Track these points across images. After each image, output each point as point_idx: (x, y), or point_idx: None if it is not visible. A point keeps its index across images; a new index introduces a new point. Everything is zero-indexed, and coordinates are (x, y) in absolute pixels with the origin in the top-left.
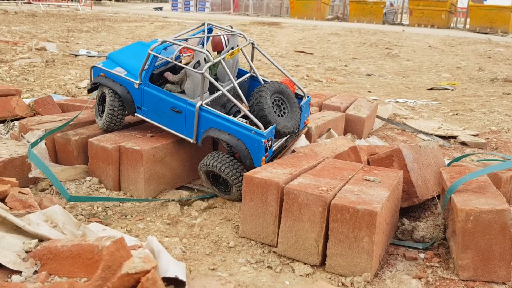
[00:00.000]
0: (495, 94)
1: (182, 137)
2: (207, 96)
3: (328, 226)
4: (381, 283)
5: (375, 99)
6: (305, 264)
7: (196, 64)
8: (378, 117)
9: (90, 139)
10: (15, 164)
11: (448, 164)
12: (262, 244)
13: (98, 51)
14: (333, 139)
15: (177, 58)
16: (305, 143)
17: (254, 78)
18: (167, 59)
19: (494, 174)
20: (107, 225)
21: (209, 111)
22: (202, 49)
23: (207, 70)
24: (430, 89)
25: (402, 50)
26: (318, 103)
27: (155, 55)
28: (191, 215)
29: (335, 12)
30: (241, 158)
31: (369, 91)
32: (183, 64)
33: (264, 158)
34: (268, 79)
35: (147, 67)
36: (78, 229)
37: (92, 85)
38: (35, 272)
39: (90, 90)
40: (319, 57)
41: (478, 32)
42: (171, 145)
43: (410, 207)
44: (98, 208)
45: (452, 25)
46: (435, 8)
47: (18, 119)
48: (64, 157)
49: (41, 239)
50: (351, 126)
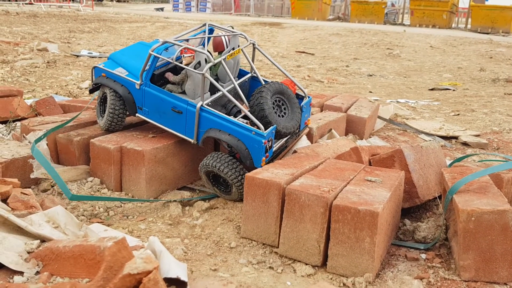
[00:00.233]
0: (497, 95)
1: (183, 137)
2: (208, 96)
3: (329, 227)
4: (382, 284)
5: (377, 100)
6: (306, 264)
7: (196, 64)
8: (379, 117)
9: (91, 140)
10: (17, 165)
11: (449, 164)
12: (264, 244)
13: (100, 52)
14: (334, 140)
15: (178, 59)
16: (306, 144)
17: (255, 78)
18: (168, 60)
19: (496, 175)
20: (109, 225)
21: (209, 112)
22: (203, 49)
23: (208, 71)
24: (432, 89)
25: (404, 50)
26: (320, 104)
27: (156, 56)
28: (193, 216)
29: (336, 12)
30: (241, 158)
31: (370, 92)
32: (184, 64)
33: (264, 158)
34: (269, 80)
35: (148, 68)
36: (80, 229)
37: (93, 85)
38: (37, 272)
39: (91, 91)
40: (320, 57)
41: (479, 32)
42: (173, 145)
43: (412, 208)
44: (99, 208)
45: (453, 25)
46: (437, 8)
47: (20, 120)
48: (66, 157)
49: (43, 240)
50: (353, 127)
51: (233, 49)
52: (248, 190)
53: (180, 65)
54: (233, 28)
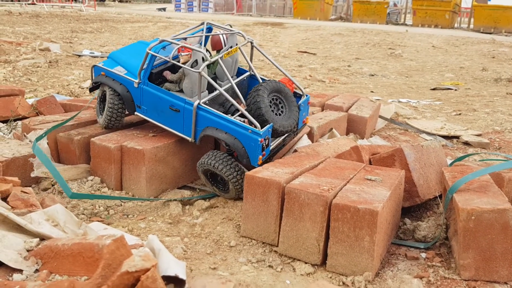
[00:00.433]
0: (499, 94)
1: (181, 135)
2: (206, 95)
3: (329, 226)
4: (382, 283)
5: (378, 99)
6: (306, 263)
7: (194, 63)
8: (380, 117)
9: (92, 139)
10: (18, 163)
11: (450, 164)
12: (263, 243)
13: (102, 52)
14: (335, 139)
15: (175, 58)
16: (307, 143)
17: (253, 77)
18: (165, 58)
19: (496, 174)
20: (109, 224)
21: (206, 110)
22: (200, 48)
23: (205, 69)
24: (433, 89)
25: (406, 50)
26: (321, 103)
27: (153, 54)
28: (193, 215)
29: (339, 12)
30: (238, 157)
31: (372, 91)
32: (181, 63)
33: (261, 157)
34: (267, 79)
35: (146, 66)
36: (80, 228)
37: (93, 84)
38: (36, 270)
39: (91, 89)
40: (322, 57)
41: (482, 32)
42: (173, 144)
43: (412, 207)
44: (100, 207)
45: (456, 25)
46: (439, 8)
47: (21, 119)
48: (66, 156)
49: (42, 238)
50: (354, 126)
51: (231, 47)
52: (248, 189)
53: (177, 63)
54: (231, 26)
